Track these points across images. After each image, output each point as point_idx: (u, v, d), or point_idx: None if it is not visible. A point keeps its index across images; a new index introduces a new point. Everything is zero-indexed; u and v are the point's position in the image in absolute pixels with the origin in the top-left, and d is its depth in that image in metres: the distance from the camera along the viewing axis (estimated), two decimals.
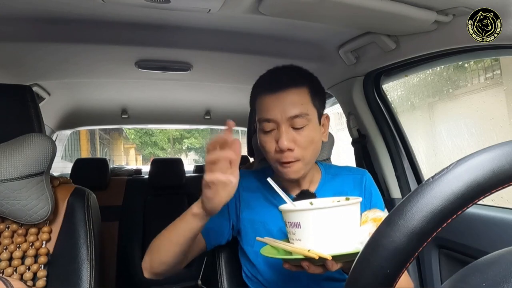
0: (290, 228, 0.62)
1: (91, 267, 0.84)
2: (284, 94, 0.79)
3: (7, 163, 0.77)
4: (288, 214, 0.62)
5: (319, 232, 0.59)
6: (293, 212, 0.61)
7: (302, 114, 0.78)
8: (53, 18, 1.05)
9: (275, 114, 0.78)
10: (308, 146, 0.79)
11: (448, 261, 1.13)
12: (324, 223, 0.58)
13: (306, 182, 0.89)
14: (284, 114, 0.77)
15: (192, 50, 1.29)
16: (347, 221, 0.60)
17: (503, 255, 0.32)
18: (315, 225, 0.58)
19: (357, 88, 1.39)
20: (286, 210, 0.63)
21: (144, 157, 11.66)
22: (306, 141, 0.78)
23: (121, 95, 2.06)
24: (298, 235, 0.60)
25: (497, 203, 1.03)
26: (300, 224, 0.59)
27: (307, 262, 0.60)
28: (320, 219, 0.58)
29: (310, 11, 0.89)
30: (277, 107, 0.78)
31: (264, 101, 0.81)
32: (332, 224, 0.58)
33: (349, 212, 0.60)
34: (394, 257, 0.31)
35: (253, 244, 0.85)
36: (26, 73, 1.40)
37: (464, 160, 0.32)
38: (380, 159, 1.39)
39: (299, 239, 0.60)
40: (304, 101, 0.79)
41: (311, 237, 0.59)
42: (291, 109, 0.77)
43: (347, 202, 0.62)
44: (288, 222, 0.63)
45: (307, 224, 0.59)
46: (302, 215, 0.60)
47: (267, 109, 0.79)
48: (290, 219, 0.61)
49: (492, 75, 1.99)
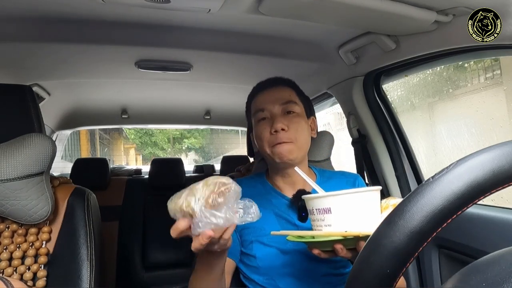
0: (318, 215, 0.63)
1: (91, 267, 0.84)
2: (274, 88, 0.92)
3: (7, 163, 0.77)
4: (317, 200, 0.63)
5: (351, 215, 0.60)
6: (324, 198, 0.62)
7: (291, 101, 0.90)
8: (53, 18, 1.05)
9: (268, 104, 0.89)
10: (299, 130, 0.87)
11: (448, 261, 1.13)
12: (354, 207, 0.60)
13: (301, 182, 0.90)
14: (275, 102, 0.89)
15: (192, 50, 1.29)
16: (374, 206, 0.62)
17: (503, 255, 0.32)
18: (347, 208, 0.60)
19: (357, 88, 1.39)
20: (314, 197, 0.64)
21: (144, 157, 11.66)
22: (298, 126, 0.87)
23: (121, 95, 2.06)
24: (328, 220, 0.61)
25: (497, 203, 1.03)
26: (331, 209, 0.61)
27: (340, 245, 0.61)
28: (351, 203, 0.60)
29: (310, 11, 0.89)
30: (269, 99, 0.90)
31: (257, 98, 0.93)
32: (362, 207, 0.61)
33: (375, 197, 0.63)
34: (394, 257, 0.31)
35: (252, 248, 0.86)
36: (26, 73, 1.40)
37: (464, 160, 0.32)
38: (380, 159, 1.39)
39: (329, 224, 0.61)
40: (291, 94, 0.92)
41: (343, 220, 0.60)
42: (281, 97, 0.90)
43: (373, 187, 0.64)
44: (316, 209, 0.63)
45: (339, 208, 0.60)
46: (333, 200, 0.61)
47: (261, 102, 0.91)
48: (319, 205, 0.62)
49: (492, 75, 1.99)
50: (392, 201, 0.69)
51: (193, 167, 3.10)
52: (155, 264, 2.15)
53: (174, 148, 11.94)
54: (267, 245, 0.85)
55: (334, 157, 1.42)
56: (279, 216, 0.88)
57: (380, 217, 0.63)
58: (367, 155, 1.44)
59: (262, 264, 0.84)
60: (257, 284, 0.86)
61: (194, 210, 0.54)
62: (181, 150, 11.97)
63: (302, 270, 0.84)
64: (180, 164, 2.43)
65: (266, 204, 0.88)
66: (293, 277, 0.84)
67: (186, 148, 11.93)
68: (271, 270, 0.84)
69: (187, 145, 11.84)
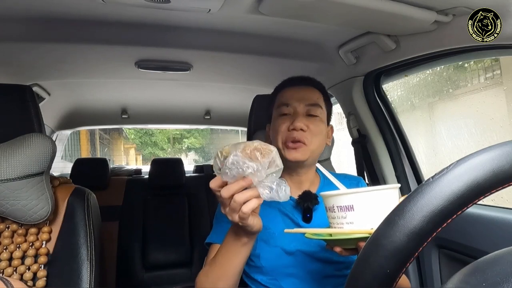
0: (339, 213, 0.62)
1: (91, 267, 0.84)
2: (304, 88, 0.92)
3: (7, 163, 0.77)
4: (339, 197, 0.62)
5: (373, 213, 0.60)
6: (346, 195, 0.62)
7: (317, 105, 0.89)
8: (53, 18, 1.05)
9: (294, 100, 0.89)
10: (317, 134, 0.87)
11: (448, 261, 1.13)
12: (376, 204, 0.60)
13: (307, 183, 0.90)
14: (302, 101, 0.88)
15: (192, 50, 1.29)
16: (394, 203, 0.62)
17: (503, 255, 0.32)
18: (370, 206, 0.60)
19: (357, 88, 1.39)
20: (336, 194, 0.63)
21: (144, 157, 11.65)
22: (317, 130, 0.87)
23: (121, 95, 2.06)
24: (350, 218, 0.61)
25: (497, 203, 1.03)
26: (353, 206, 0.60)
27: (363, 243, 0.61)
28: (374, 201, 0.60)
29: (310, 11, 0.89)
30: (297, 96, 0.90)
31: (285, 92, 0.92)
32: (383, 205, 0.60)
33: (394, 194, 0.63)
34: (394, 257, 0.31)
35: (255, 247, 0.85)
36: (26, 73, 1.40)
37: (464, 160, 0.32)
38: (380, 159, 1.39)
39: (351, 222, 0.61)
40: (319, 97, 0.92)
41: (366, 218, 0.60)
42: (309, 98, 0.89)
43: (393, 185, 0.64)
44: (337, 207, 0.63)
45: (361, 205, 0.60)
46: (356, 197, 0.61)
47: (288, 97, 0.90)
48: (341, 202, 0.62)
49: (492, 75, 1.99)
50: None
51: (193, 167, 3.10)
52: (155, 264, 2.15)
53: (174, 148, 11.93)
54: (271, 244, 0.85)
55: (334, 157, 1.43)
56: (284, 215, 0.88)
57: None
58: (367, 155, 1.44)
59: (265, 264, 0.84)
60: (260, 284, 0.85)
61: (229, 153, 0.57)
62: (181, 150, 11.96)
63: (306, 271, 0.84)
64: (180, 164, 2.43)
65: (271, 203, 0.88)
66: (296, 277, 0.83)
67: (186, 148, 11.92)
68: (275, 270, 0.84)
69: (187, 145, 11.83)
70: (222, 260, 0.72)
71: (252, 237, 0.69)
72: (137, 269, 2.14)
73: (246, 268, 0.88)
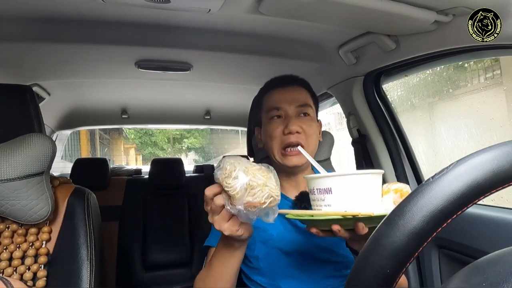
0: (318, 195, 0.63)
1: (91, 267, 0.84)
2: (291, 88, 0.92)
3: (7, 163, 0.77)
4: (319, 180, 0.63)
5: (351, 196, 0.61)
6: (325, 178, 0.63)
7: (307, 104, 0.90)
8: (53, 18, 1.05)
9: (284, 103, 0.88)
10: (311, 134, 0.87)
11: (448, 261, 1.13)
12: (355, 188, 0.61)
13: (304, 184, 0.90)
14: (292, 103, 0.88)
15: (192, 50, 1.29)
16: (374, 188, 0.63)
17: (503, 255, 0.32)
18: (347, 189, 0.61)
19: (357, 88, 1.39)
20: (316, 177, 0.64)
21: (144, 157, 11.65)
22: (311, 130, 0.87)
23: (121, 95, 2.06)
24: (328, 200, 0.62)
25: (497, 203, 1.03)
26: (332, 189, 0.61)
27: (338, 226, 0.61)
28: (352, 184, 0.61)
29: (310, 11, 0.89)
30: (286, 98, 0.89)
31: (273, 95, 0.92)
32: (362, 189, 0.61)
33: (376, 180, 0.63)
34: (394, 257, 0.31)
35: (254, 248, 0.86)
36: (26, 73, 1.40)
37: (464, 160, 0.32)
38: (380, 159, 1.39)
39: (329, 204, 0.62)
40: (307, 96, 0.92)
41: (343, 201, 0.61)
42: (298, 98, 0.89)
43: (374, 170, 0.65)
44: (317, 189, 0.64)
45: (339, 189, 0.61)
46: (334, 181, 0.61)
47: (277, 101, 0.90)
48: (321, 185, 0.63)
49: (492, 75, 1.99)
50: (394, 186, 0.68)
51: (193, 167, 3.10)
52: (155, 264, 2.15)
53: (174, 148, 11.93)
54: (269, 246, 0.85)
55: (334, 157, 1.42)
56: (281, 216, 0.88)
57: (380, 200, 0.64)
58: (367, 155, 1.44)
59: (264, 265, 0.84)
60: (259, 285, 0.85)
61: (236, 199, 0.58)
62: (181, 150, 11.95)
63: (304, 271, 0.84)
64: (180, 164, 2.43)
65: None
66: (295, 278, 0.83)
67: (186, 148, 11.92)
68: (273, 271, 0.84)
69: (187, 145, 11.83)
70: (218, 265, 0.72)
71: (243, 242, 0.69)
72: (137, 269, 2.14)
73: (245, 270, 0.89)
